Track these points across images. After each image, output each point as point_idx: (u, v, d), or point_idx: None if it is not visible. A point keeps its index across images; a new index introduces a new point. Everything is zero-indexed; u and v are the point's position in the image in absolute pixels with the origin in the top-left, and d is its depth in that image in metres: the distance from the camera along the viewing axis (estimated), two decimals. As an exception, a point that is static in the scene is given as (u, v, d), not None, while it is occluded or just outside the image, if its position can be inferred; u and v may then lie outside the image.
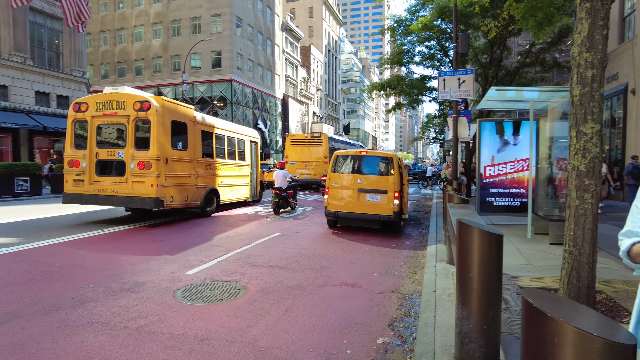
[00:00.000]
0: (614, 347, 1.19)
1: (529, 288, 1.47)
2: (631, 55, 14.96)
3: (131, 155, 9.35)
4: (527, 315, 1.40)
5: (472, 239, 3.04)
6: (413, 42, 18.29)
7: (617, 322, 1.20)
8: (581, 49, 4.22)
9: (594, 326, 1.28)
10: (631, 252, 1.58)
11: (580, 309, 1.43)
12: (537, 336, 1.33)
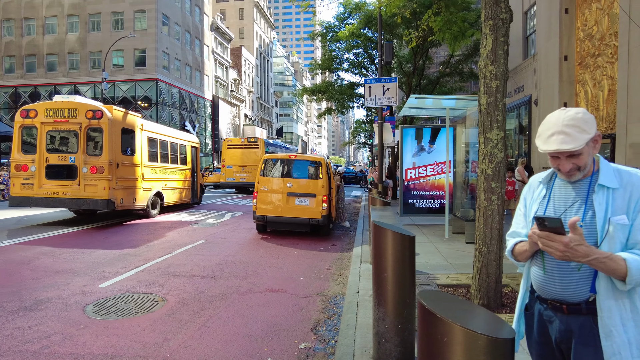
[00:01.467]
0: (494, 342, 1.27)
1: (424, 290, 1.54)
2: (533, 70, 16.58)
3: (83, 160, 9.95)
4: (420, 316, 1.45)
5: (386, 241, 3.14)
6: (341, 49, 18.74)
7: (501, 318, 1.29)
8: (486, 62, 4.56)
9: (479, 324, 1.36)
10: (514, 251, 1.71)
11: (471, 307, 1.51)
12: (429, 336, 1.39)
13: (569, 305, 1.56)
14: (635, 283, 1.42)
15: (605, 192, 1.53)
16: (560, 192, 1.65)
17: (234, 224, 11.17)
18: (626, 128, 10.85)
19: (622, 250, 1.47)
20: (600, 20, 13.13)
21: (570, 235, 1.39)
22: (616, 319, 1.46)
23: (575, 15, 14.59)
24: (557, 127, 1.52)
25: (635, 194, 1.49)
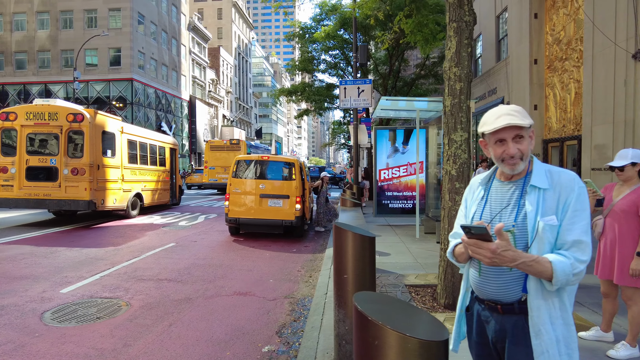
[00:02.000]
0: (425, 345, 1.26)
1: (361, 293, 1.51)
2: (505, 72, 16.95)
3: (64, 162, 10.14)
4: (355, 319, 1.44)
5: (347, 242, 3.13)
6: (318, 50, 18.75)
7: (438, 320, 1.29)
8: (451, 64, 4.62)
9: (412, 326, 1.35)
10: (455, 252, 1.72)
11: (409, 309, 1.51)
12: (362, 339, 1.37)
13: (503, 305, 1.58)
14: (561, 284, 1.44)
15: (537, 193, 1.55)
16: (497, 194, 1.67)
17: (207, 226, 11.02)
18: (591, 130, 11.19)
19: (552, 251, 1.49)
20: (567, 25, 13.52)
21: (497, 241, 1.40)
22: (545, 317, 1.48)
23: (544, 20, 14.99)
24: (503, 111, 1.58)
25: (564, 195, 1.52)
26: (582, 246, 1.47)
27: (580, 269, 1.45)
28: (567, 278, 1.43)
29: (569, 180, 1.54)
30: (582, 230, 1.48)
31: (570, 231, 1.48)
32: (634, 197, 3.18)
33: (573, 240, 1.47)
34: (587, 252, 1.47)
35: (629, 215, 3.19)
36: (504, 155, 1.59)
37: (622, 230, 3.23)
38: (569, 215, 1.49)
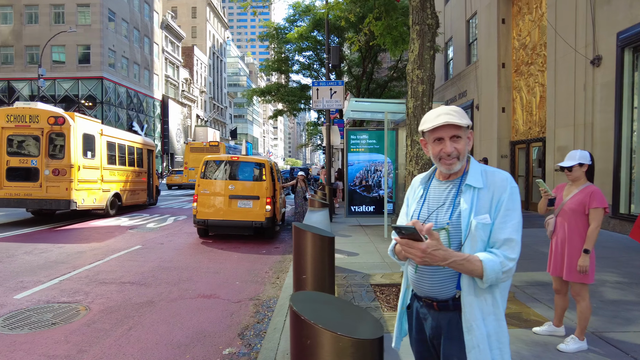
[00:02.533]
0: (357, 344, 1.26)
1: (300, 292, 1.50)
2: (475, 76, 17.36)
3: (45, 163, 10.50)
4: (290, 318, 1.43)
5: (306, 243, 3.13)
6: (291, 51, 18.73)
7: (375, 318, 1.30)
8: (413, 67, 4.68)
9: (347, 325, 1.36)
10: (395, 249, 1.74)
11: (348, 308, 1.51)
12: (297, 339, 1.37)
13: (438, 302, 1.61)
14: (491, 282, 1.47)
15: (472, 192, 1.59)
16: (435, 193, 1.70)
17: (175, 228, 10.81)
18: (554, 132, 11.59)
19: (485, 249, 1.53)
20: (532, 31, 13.96)
21: (427, 241, 1.42)
22: (477, 313, 1.51)
23: (511, 25, 15.43)
24: (442, 111, 1.62)
25: (497, 194, 1.55)
26: (512, 244, 1.50)
27: (509, 266, 1.48)
28: (496, 276, 1.46)
29: (503, 180, 1.58)
30: (513, 228, 1.51)
31: (502, 230, 1.51)
32: (581, 197, 3.30)
33: (504, 239, 1.50)
34: (517, 250, 1.51)
35: (577, 214, 3.31)
36: (441, 154, 1.62)
37: (571, 229, 3.35)
38: (501, 214, 1.53)
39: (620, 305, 4.36)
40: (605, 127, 9.50)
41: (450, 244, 1.57)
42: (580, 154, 3.36)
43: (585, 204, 3.26)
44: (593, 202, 3.22)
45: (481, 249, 1.52)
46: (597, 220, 3.22)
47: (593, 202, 3.22)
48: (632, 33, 8.67)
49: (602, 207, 3.20)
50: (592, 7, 9.87)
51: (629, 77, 9.02)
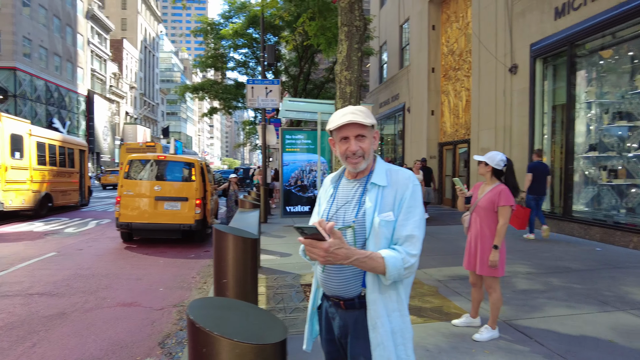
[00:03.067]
0: (255, 350, 1.20)
1: (200, 299, 1.41)
2: (407, 79, 18.06)
3: None
4: (187, 327, 1.34)
5: (227, 245, 3.01)
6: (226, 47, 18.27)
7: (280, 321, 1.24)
8: (341, 68, 4.72)
9: (246, 330, 1.29)
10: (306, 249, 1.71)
11: (252, 312, 1.45)
12: (194, 348, 1.28)
13: (345, 301, 1.61)
14: (394, 278, 1.48)
15: (377, 191, 1.61)
16: (343, 191, 1.70)
17: (97, 232, 10.08)
18: (478, 134, 12.36)
19: (389, 246, 1.54)
20: (459, 38, 14.80)
21: (330, 240, 1.40)
22: (381, 311, 1.53)
23: (440, 32, 16.24)
24: (349, 110, 1.63)
25: (400, 192, 1.58)
26: (413, 240, 1.52)
27: (411, 262, 1.50)
28: (398, 272, 1.47)
29: (405, 179, 1.61)
30: (415, 225, 1.54)
31: (404, 226, 1.54)
32: (491, 195, 3.52)
33: (406, 235, 1.53)
34: (418, 246, 1.53)
35: (488, 211, 3.53)
36: (347, 153, 1.63)
37: (483, 226, 3.55)
38: (404, 212, 1.56)
39: (528, 294, 4.71)
40: (522, 130, 10.29)
41: (356, 242, 1.58)
42: (490, 154, 3.58)
43: (494, 202, 3.48)
44: (501, 200, 3.44)
45: (385, 246, 1.53)
46: (505, 217, 3.44)
47: (501, 200, 3.44)
48: (542, 45, 9.48)
49: (508, 205, 3.43)
50: (510, 19, 10.65)
51: (540, 85, 9.85)
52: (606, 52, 8.43)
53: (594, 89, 8.69)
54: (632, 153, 7.68)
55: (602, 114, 8.45)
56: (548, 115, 9.80)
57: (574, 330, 3.65)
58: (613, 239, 7.46)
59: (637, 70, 7.72)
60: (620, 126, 7.99)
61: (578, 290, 4.78)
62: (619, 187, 7.98)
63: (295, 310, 4.37)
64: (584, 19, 8.24)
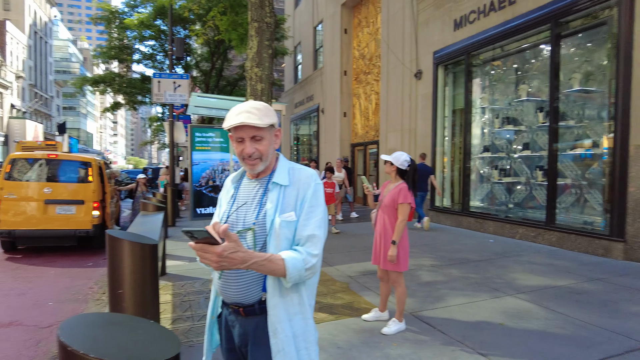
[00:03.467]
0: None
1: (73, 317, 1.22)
2: (321, 81, 18.38)
3: None
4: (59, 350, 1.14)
5: (122, 253, 2.74)
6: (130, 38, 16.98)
7: (172, 334, 1.10)
8: (252, 64, 4.59)
9: (129, 348, 1.15)
10: None
11: (140, 325, 1.30)
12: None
13: (245, 307, 1.53)
14: (295, 280, 1.43)
15: (278, 190, 1.55)
16: (244, 192, 1.62)
17: (-28, 241, 8.71)
18: (386, 136, 12.97)
19: (290, 247, 1.49)
20: (369, 43, 15.39)
21: (224, 244, 1.30)
22: (282, 315, 1.47)
23: (352, 36, 16.76)
24: (244, 108, 1.52)
25: (302, 191, 1.54)
26: (314, 240, 1.48)
27: (312, 263, 1.45)
28: (299, 274, 1.42)
29: (307, 177, 1.56)
30: (316, 224, 1.50)
31: (306, 226, 1.49)
32: (393, 194, 3.69)
33: (307, 235, 1.48)
34: (319, 245, 1.49)
35: (391, 209, 3.69)
36: (243, 155, 1.55)
37: (387, 222, 3.70)
38: (305, 211, 1.51)
39: (432, 286, 5.01)
40: (425, 132, 11.00)
41: (256, 244, 1.50)
42: (396, 154, 3.75)
43: (395, 200, 3.64)
44: (400, 198, 3.62)
45: (286, 248, 1.48)
46: (403, 214, 3.62)
47: (400, 198, 3.62)
48: (443, 53, 10.22)
49: (407, 203, 3.61)
50: (415, 27, 11.33)
51: (442, 91, 10.62)
52: (496, 62, 9.35)
53: (487, 95, 9.59)
54: (518, 154, 8.61)
55: (494, 118, 9.35)
56: (449, 118, 10.60)
57: (471, 317, 3.95)
58: (503, 231, 8.29)
59: (521, 81, 8.67)
60: (508, 130, 8.91)
61: (474, 280, 5.20)
62: (507, 185, 8.89)
63: (204, 318, 4.15)
64: (478, 32, 9.05)
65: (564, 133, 7.38)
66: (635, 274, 5.23)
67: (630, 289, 4.65)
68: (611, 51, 6.55)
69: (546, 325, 3.69)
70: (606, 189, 6.51)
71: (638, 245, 5.84)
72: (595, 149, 6.88)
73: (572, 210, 7.32)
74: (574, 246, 6.70)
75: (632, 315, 3.86)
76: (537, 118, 8.06)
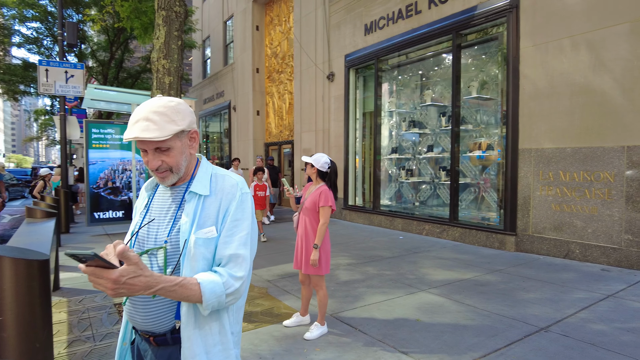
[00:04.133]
0: None
1: None
2: (232, 77, 17.85)
3: None
4: None
5: (2, 273, 2.29)
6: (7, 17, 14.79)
7: None
8: (159, 55, 4.21)
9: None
10: None
11: None
12: None
13: (155, 336, 1.31)
14: (213, 307, 1.22)
15: (197, 201, 1.32)
16: (159, 202, 1.39)
17: None
18: (301, 136, 13.00)
19: (210, 268, 1.28)
20: (282, 42, 15.30)
21: (122, 267, 1.07)
22: (199, 348, 1.26)
23: (264, 33, 16.51)
24: (142, 114, 1.25)
25: (225, 202, 1.32)
26: (238, 261, 1.27)
27: (235, 287, 1.25)
28: (219, 300, 1.22)
29: (232, 186, 1.34)
30: (241, 242, 1.29)
31: (228, 244, 1.28)
32: (314, 196, 3.64)
33: (230, 255, 1.27)
34: (244, 266, 1.28)
35: (312, 212, 3.64)
36: (149, 167, 1.31)
37: (308, 226, 3.64)
38: (228, 226, 1.29)
39: (350, 285, 5.07)
40: (338, 133, 11.23)
41: (167, 265, 1.27)
42: (316, 156, 3.70)
43: (316, 202, 3.60)
44: (321, 201, 3.59)
45: (204, 269, 1.26)
46: (324, 217, 3.58)
47: (321, 201, 3.59)
48: (354, 57, 10.51)
49: (327, 206, 3.58)
50: (327, 29, 11.50)
51: (353, 93, 10.92)
52: (403, 68, 9.87)
53: (394, 99, 10.08)
54: (422, 155, 9.17)
55: (401, 121, 9.86)
56: (360, 120, 10.94)
57: (389, 315, 4.05)
58: (411, 228, 8.78)
59: (426, 87, 9.26)
60: (414, 133, 9.46)
61: (389, 277, 5.38)
62: (414, 184, 9.44)
63: (108, 336, 3.70)
64: (387, 38, 9.45)
65: (464, 136, 8.03)
66: (526, 264, 5.85)
67: (523, 277, 5.19)
68: (502, 64, 7.28)
69: (457, 318, 3.92)
70: (500, 187, 7.22)
71: (527, 237, 6.57)
72: (490, 151, 7.59)
73: (472, 208, 8.00)
74: (475, 240, 7.33)
75: (527, 302, 4.29)
76: (441, 122, 8.66)
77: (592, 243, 5.80)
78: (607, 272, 5.30)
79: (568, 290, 4.62)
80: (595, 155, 5.80)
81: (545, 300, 4.32)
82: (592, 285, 4.79)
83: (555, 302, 4.27)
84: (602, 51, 5.76)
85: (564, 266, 5.68)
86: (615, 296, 4.39)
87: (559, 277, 5.13)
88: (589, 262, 5.81)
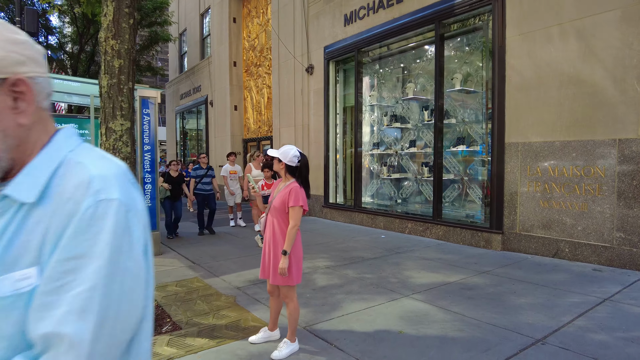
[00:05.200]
0: None
1: None
2: (209, 71, 17.20)
3: None
4: None
5: None
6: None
7: None
8: (107, 34, 3.68)
9: None
10: None
11: None
12: None
13: None
14: None
15: (12, 215, 0.72)
16: None
17: None
18: (280, 131, 12.50)
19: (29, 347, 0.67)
20: (260, 34, 14.75)
21: None
22: None
23: (241, 26, 15.92)
24: None
25: (59, 219, 0.69)
26: (62, 350, 0.63)
27: None
28: None
29: (76, 187, 0.71)
30: (76, 307, 0.65)
31: (49, 310, 0.65)
32: (283, 195, 3.14)
33: (46, 334, 0.64)
34: (82, 356, 0.63)
35: (281, 212, 3.14)
36: None
37: (276, 229, 3.15)
38: (54, 272, 0.66)
39: (327, 291, 4.64)
40: (318, 128, 10.77)
41: None
42: (284, 149, 3.21)
43: (286, 202, 3.11)
44: (291, 200, 3.10)
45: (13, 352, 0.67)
46: (294, 219, 3.09)
47: (291, 200, 3.10)
48: (334, 48, 10.06)
49: (298, 206, 3.10)
50: (306, 20, 11.02)
51: (333, 87, 10.47)
52: (384, 60, 9.47)
53: (375, 93, 9.67)
54: (405, 151, 8.80)
55: (382, 116, 9.47)
56: (340, 115, 10.51)
57: (369, 326, 3.63)
58: (393, 226, 8.40)
59: (408, 79, 8.88)
60: (396, 127, 9.08)
61: (370, 280, 4.97)
62: (396, 181, 9.06)
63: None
64: (367, 28, 9.03)
65: (447, 131, 7.68)
66: (514, 265, 5.52)
67: (512, 280, 4.84)
68: (487, 54, 6.93)
69: (444, 329, 3.52)
70: (486, 184, 6.88)
71: (514, 236, 6.25)
72: (475, 146, 7.25)
73: (456, 205, 7.66)
74: (460, 239, 6.99)
75: (518, 309, 3.92)
76: (423, 116, 8.30)
77: (583, 241, 5.51)
78: (600, 273, 5.00)
79: (561, 294, 4.29)
80: (585, 149, 5.49)
81: (539, 306, 3.97)
82: (586, 287, 4.47)
83: (549, 307, 3.92)
84: (591, 39, 5.45)
85: (553, 266, 5.37)
86: (612, 300, 4.07)
87: (550, 279, 4.80)
88: (579, 261, 5.51)
